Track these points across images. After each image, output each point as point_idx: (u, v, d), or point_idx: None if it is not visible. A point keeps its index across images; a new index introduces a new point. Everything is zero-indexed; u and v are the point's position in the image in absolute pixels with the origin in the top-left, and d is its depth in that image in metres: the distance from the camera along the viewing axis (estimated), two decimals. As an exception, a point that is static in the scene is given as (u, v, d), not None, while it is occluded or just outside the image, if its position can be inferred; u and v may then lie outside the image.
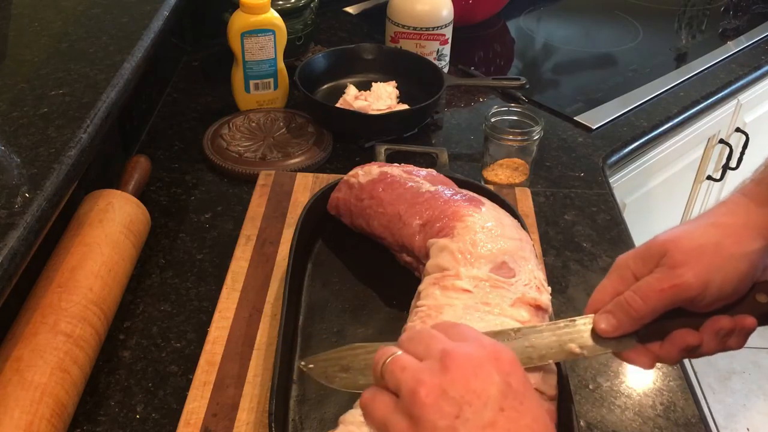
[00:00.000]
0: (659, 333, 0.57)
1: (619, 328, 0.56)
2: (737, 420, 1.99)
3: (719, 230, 0.55)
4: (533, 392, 0.47)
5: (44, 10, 0.98)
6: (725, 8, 1.64)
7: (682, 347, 0.56)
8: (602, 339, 0.57)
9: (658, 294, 0.54)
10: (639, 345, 0.57)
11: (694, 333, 0.56)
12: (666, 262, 0.55)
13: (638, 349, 0.57)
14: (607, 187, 1.04)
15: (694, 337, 0.56)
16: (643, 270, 0.57)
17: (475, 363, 0.46)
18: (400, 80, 1.17)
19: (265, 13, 1.07)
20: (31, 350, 0.65)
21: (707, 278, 0.54)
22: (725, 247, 0.54)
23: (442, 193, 0.77)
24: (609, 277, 0.59)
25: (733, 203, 0.58)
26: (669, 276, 0.54)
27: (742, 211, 0.56)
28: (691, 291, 0.54)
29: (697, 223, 0.57)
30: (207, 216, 0.95)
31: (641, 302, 0.55)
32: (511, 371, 0.46)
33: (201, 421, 0.65)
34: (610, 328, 0.57)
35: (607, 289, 0.58)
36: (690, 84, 1.32)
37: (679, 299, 0.55)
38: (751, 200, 0.57)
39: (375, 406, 0.48)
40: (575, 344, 0.57)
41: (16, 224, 0.63)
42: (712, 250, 0.54)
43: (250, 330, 0.74)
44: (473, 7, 1.43)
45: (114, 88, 0.84)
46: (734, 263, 0.54)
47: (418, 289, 0.70)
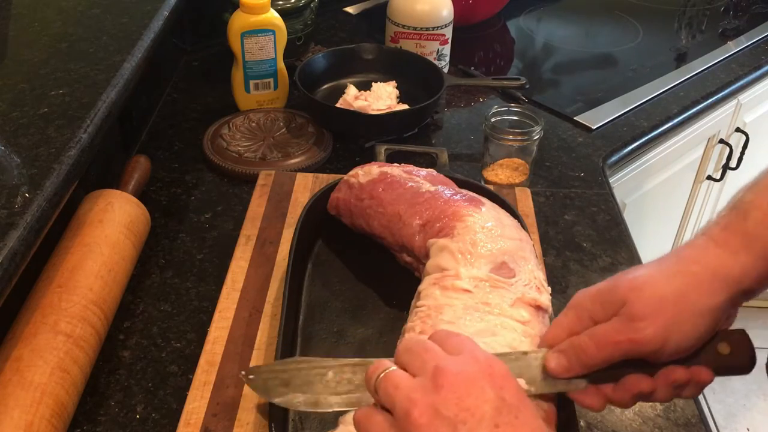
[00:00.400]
0: (612, 377, 0.55)
1: (570, 371, 0.54)
2: (737, 420, 1.99)
3: (684, 280, 0.53)
4: (528, 403, 0.47)
5: (44, 10, 0.98)
6: (725, 8, 1.64)
7: (634, 393, 0.54)
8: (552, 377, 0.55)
9: (614, 345, 0.53)
10: (590, 386, 0.55)
11: (647, 380, 0.54)
12: (625, 312, 0.53)
13: (589, 390, 0.55)
14: (607, 187, 1.04)
15: (648, 384, 0.54)
16: (601, 315, 0.54)
17: (467, 379, 0.45)
18: (400, 80, 1.17)
19: (265, 13, 1.07)
20: (31, 350, 0.65)
21: (667, 334, 0.52)
22: (689, 301, 0.52)
23: (442, 193, 0.77)
24: (566, 314, 0.57)
25: (700, 248, 0.54)
26: (627, 328, 0.52)
27: (710, 259, 0.53)
28: (648, 346, 0.52)
29: (661, 268, 0.55)
30: (207, 216, 0.95)
31: (595, 349, 0.53)
32: (504, 385, 0.46)
33: (201, 421, 0.65)
34: (560, 369, 0.55)
35: (562, 325, 0.57)
36: (690, 84, 1.32)
37: (636, 352, 0.53)
38: (718, 246, 0.54)
39: (369, 425, 0.47)
40: (524, 379, 0.55)
41: (16, 224, 0.63)
42: (674, 305, 0.52)
43: (250, 330, 0.74)
44: (473, 7, 1.43)
45: (114, 88, 0.84)
46: (697, 318, 0.52)
47: (418, 289, 0.70)
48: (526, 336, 0.63)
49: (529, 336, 0.63)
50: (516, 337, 0.63)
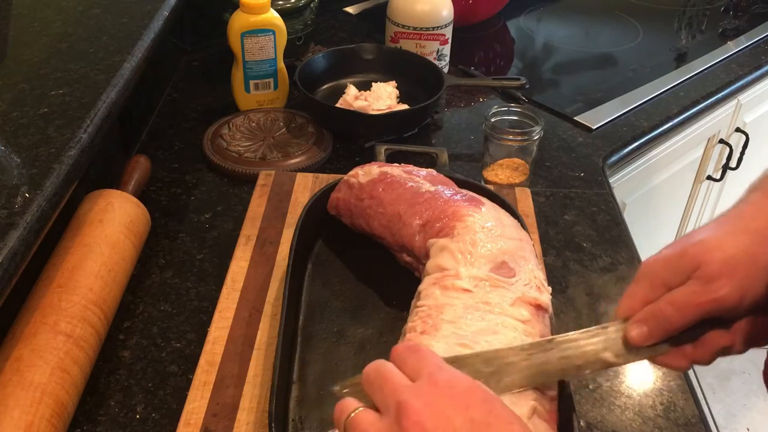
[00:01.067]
0: (690, 337, 0.57)
1: (652, 338, 0.56)
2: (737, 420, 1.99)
3: (751, 238, 0.55)
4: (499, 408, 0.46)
5: (44, 10, 0.98)
6: (725, 8, 1.64)
7: (715, 349, 0.56)
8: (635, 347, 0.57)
9: (695, 307, 0.54)
10: (672, 349, 0.57)
11: (725, 334, 0.56)
12: (701, 275, 0.55)
13: (672, 352, 0.57)
14: (607, 187, 1.04)
15: (726, 339, 0.56)
16: (675, 280, 0.56)
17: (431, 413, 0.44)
18: (400, 80, 1.17)
19: (265, 13, 1.07)
20: (31, 350, 0.65)
21: (743, 290, 0.54)
22: (759, 256, 0.54)
23: (442, 193, 0.77)
24: (638, 283, 0.58)
25: (758, 204, 0.57)
26: (706, 290, 0.54)
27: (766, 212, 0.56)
28: (728, 303, 0.54)
29: (725, 228, 0.57)
30: (207, 216, 0.95)
31: (676, 314, 0.55)
32: (469, 403, 0.45)
33: (201, 421, 0.65)
34: (643, 337, 0.56)
35: (637, 295, 0.58)
36: (690, 84, 1.32)
37: (716, 311, 0.55)
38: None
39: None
40: (610, 353, 0.57)
41: (16, 224, 0.63)
42: (747, 262, 0.54)
43: (250, 330, 0.74)
44: (473, 7, 1.43)
45: (114, 88, 0.84)
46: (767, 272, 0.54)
47: (418, 289, 0.70)
48: (527, 335, 0.63)
49: (529, 335, 0.63)
50: (517, 336, 0.63)
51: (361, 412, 0.47)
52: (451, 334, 0.62)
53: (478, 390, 0.47)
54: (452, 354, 0.60)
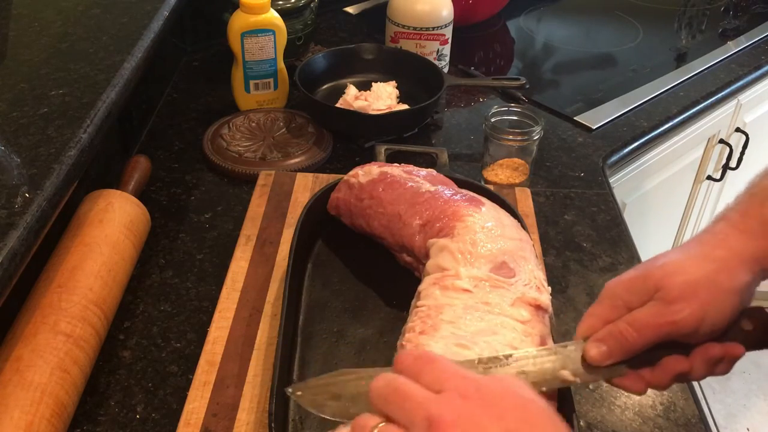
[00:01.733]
0: (649, 360, 0.57)
1: (610, 357, 0.57)
2: (737, 420, 1.99)
3: (713, 265, 0.56)
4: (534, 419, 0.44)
5: (44, 10, 0.98)
6: (725, 8, 1.64)
7: (673, 374, 0.57)
8: (593, 366, 0.57)
9: (654, 329, 0.55)
10: (630, 371, 0.57)
11: (684, 360, 0.57)
12: (661, 297, 0.55)
13: (629, 375, 0.57)
14: (607, 187, 1.04)
15: (684, 364, 0.57)
16: (636, 302, 0.57)
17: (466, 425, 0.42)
18: (400, 80, 1.17)
19: (265, 13, 1.07)
20: (31, 350, 0.65)
21: (702, 315, 0.54)
22: (719, 282, 0.55)
23: (442, 193, 0.77)
24: (600, 304, 0.59)
25: (722, 234, 0.58)
26: (665, 312, 0.55)
27: (733, 244, 0.57)
28: (687, 326, 0.55)
29: (688, 254, 0.58)
30: (207, 216, 0.95)
31: (636, 334, 0.55)
32: (503, 413, 0.43)
33: (201, 421, 0.65)
34: (602, 356, 0.56)
35: (598, 315, 0.58)
36: (690, 84, 1.32)
37: (674, 333, 0.55)
38: (739, 232, 0.57)
39: None
40: (568, 371, 0.57)
41: (16, 224, 0.63)
42: (707, 287, 0.55)
43: (250, 330, 0.74)
44: (473, 7, 1.43)
45: (114, 88, 0.84)
46: (728, 298, 0.55)
47: (418, 289, 0.70)
48: (527, 335, 0.63)
49: (529, 335, 0.63)
50: (516, 336, 0.63)
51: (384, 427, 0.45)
52: (450, 335, 0.62)
53: (510, 396, 0.45)
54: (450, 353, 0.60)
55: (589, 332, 0.58)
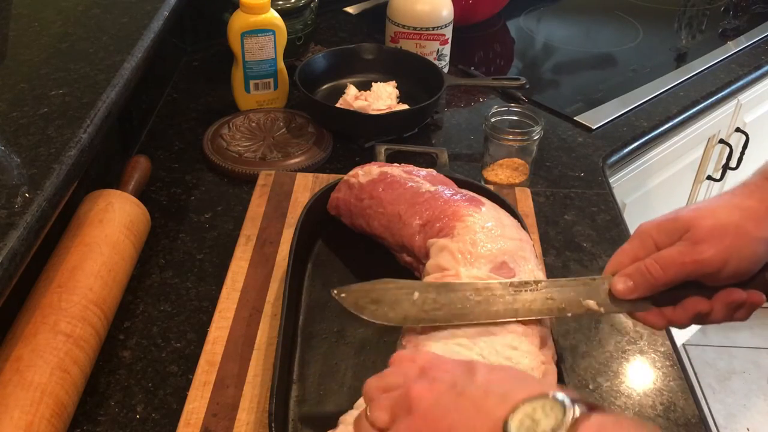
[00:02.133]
0: (673, 299, 0.59)
1: (635, 292, 0.59)
2: (737, 420, 1.99)
3: (742, 213, 0.58)
4: None
5: (44, 10, 0.98)
6: (725, 8, 1.64)
7: (693, 313, 0.59)
8: (619, 299, 0.60)
9: (679, 266, 0.57)
10: (653, 307, 0.60)
11: (706, 301, 0.59)
12: (689, 237, 0.58)
13: (652, 310, 0.60)
14: (607, 187, 1.04)
15: (706, 305, 0.59)
16: (666, 241, 0.59)
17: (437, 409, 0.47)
18: (400, 80, 1.17)
19: (265, 13, 1.07)
20: (31, 350, 0.65)
21: (726, 257, 0.57)
22: (746, 229, 0.57)
23: (442, 193, 0.77)
24: (630, 242, 0.62)
25: (756, 186, 0.60)
26: (691, 251, 0.57)
27: (764, 195, 0.59)
28: (710, 267, 0.57)
29: (720, 202, 0.60)
30: (207, 216, 0.95)
31: (661, 271, 0.58)
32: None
33: (201, 421, 0.65)
34: (627, 290, 0.59)
35: (627, 252, 0.61)
36: (690, 84, 1.32)
37: (698, 273, 0.57)
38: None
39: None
40: (593, 301, 0.61)
41: (16, 224, 0.63)
42: (734, 232, 0.57)
43: (250, 330, 0.74)
44: (473, 7, 1.43)
45: (114, 88, 0.84)
46: (753, 246, 0.57)
47: (418, 289, 0.70)
48: (526, 336, 0.63)
49: (529, 336, 0.63)
50: (516, 336, 0.63)
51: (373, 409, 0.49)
52: (450, 335, 0.62)
53: None
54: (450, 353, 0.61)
55: (617, 267, 0.61)
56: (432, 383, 0.47)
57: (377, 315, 0.60)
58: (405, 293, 0.62)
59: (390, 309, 0.60)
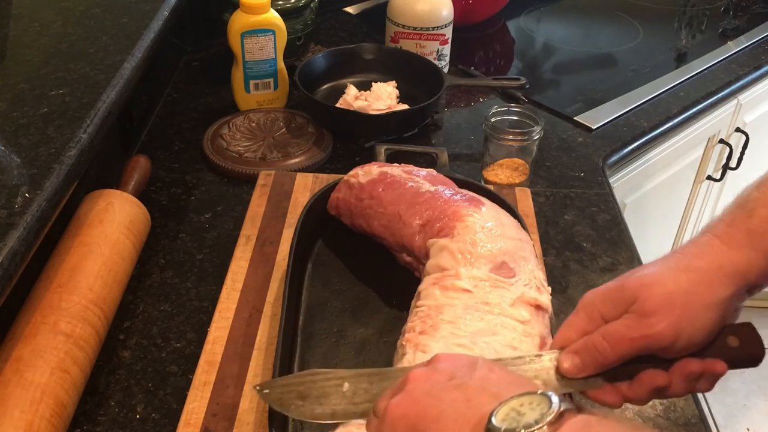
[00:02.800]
0: (626, 374, 0.55)
1: (584, 370, 0.55)
2: (737, 420, 1.99)
3: (691, 276, 0.54)
4: None
5: (44, 10, 0.98)
6: (725, 8, 1.64)
7: (650, 388, 0.55)
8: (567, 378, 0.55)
9: (628, 342, 0.53)
10: (606, 384, 0.56)
11: (662, 374, 0.55)
12: (636, 309, 0.53)
13: (606, 388, 0.56)
14: (607, 187, 1.04)
15: (663, 379, 0.55)
16: (612, 313, 0.55)
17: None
18: (400, 80, 1.17)
19: (265, 13, 1.07)
20: (31, 350, 0.65)
21: (678, 329, 0.52)
22: (697, 295, 0.53)
23: (442, 193, 0.77)
24: (576, 314, 0.57)
25: (705, 245, 0.56)
26: (639, 325, 0.53)
27: (715, 254, 0.54)
28: (662, 341, 0.53)
29: (667, 265, 0.55)
30: (207, 216, 0.95)
31: (609, 348, 0.54)
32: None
33: (201, 421, 0.65)
34: (575, 369, 0.55)
35: (573, 326, 0.57)
36: (690, 84, 1.32)
37: (649, 347, 0.53)
38: (723, 243, 0.55)
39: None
40: (540, 381, 0.56)
41: (16, 224, 0.63)
42: (684, 300, 0.53)
43: (250, 330, 0.74)
44: (473, 7, 1.43)
45: (114, 88, 0.84)
46: (706, 313, 0.53)
47: (418, 289, 0.70)
48: (526, 335, 0.63)
49: (529, 335, 0.63)
50: (516, 336, 0.63)
51: None
52: (450, 335, 0.63)
53: None
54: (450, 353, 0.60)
55: (565, 343, 0.57)
56: (432, 372, 0.47)
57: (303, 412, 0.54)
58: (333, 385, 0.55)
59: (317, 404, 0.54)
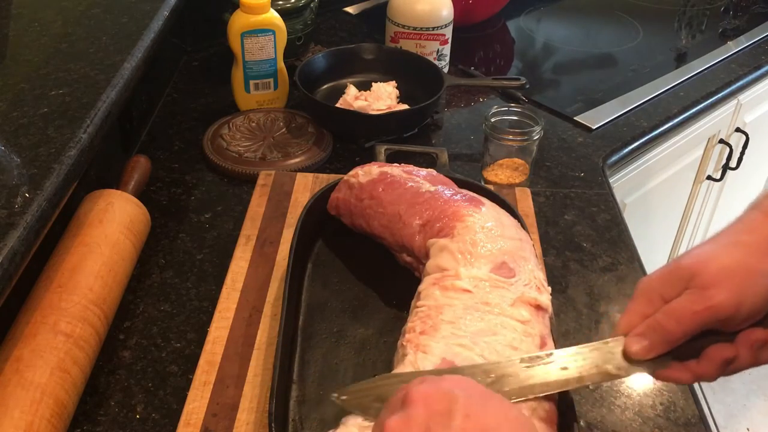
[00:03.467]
0: (694, 351, 0.56)
1: (652, 350, 0.56)
2: (737, 420, 1.99)
3: (742, 249, 0.55)
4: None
5: (44, 10, 0.98)
6: (725, 8, 1.64)
7: (719, 362, 0.56)
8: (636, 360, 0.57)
9: (692, 316, 0.54)
10: (675, 363, 0.57)
11: (729, 346, 0.56)
12: (696, 284, 0.55)
13: (675, 366, 0.57)
14: (607, 187, 1.04)
15: (730, 351, 0.56)
16: (671, 292, 0.56)
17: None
18: (400, 80, 1.17)
19: (265, 13, 1.07)
20: (31, 350, 0.65)
21: (739, 297, 0.54)
22: (752, 265, 0.54)
23: (442, 193, 0.77)
24: (635, 300, 0.59)
25: (750, 220, 0.57)
26: (702, 298, 0.54)
27: (762, 229, 0.56)
28: (725, 312, 0.54)
29: (717, 243, 0.57)
30: (207, 216, 0.95)
31: (674, 324, 0.55)
32: None
33: (201, 421, 0.65)
34: (643, 351, 0.56)
35: (635, 311, 0.58)
36: (690, 84, 1.32)
37: (713, 320, 0.54)
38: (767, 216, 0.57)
39: None
40: (611, 365, 0.57)
41: (16, 224, 0.63)
42: (741, 270, 0.54)
43: (250, 330, 0.74)
44: (473, 7, 1.43)
45: (114, 88, 0.84)
46: (763, 281, 0.54)
47: (418, 289, 0.70)
48: (526, 335, 0.63)
49: (529, 335, 0.63)
50: (516, 336, 0.63)
51: None
52: (450, 335, 0.62)
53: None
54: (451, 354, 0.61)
55: (629, 328, 0.58)
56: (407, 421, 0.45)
57: None
58: None
59: None
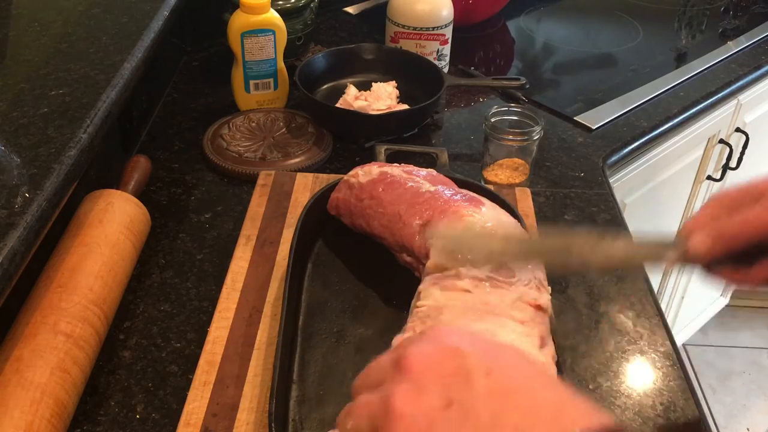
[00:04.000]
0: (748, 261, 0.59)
1: (713, 249, 0.58)
2: (737, 420, 1.99)
3: None
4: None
5: (44, 10, 0.98)
6: (725, 8, 1.64)
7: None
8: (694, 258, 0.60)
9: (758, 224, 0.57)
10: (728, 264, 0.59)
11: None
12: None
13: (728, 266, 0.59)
14: (607, 187, 1.04)
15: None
16: (744, 201, 0.59)
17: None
18: (400, 80, 1.17)
19: (265, 13, 1.07)
20: (31, 350, 0.65)
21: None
22: None
23: (442, 193, 0.77)
24: (707, 205, 0.61)
25: None
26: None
27: None
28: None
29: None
30: (207, 216, 0.95)
31: (740, 227, 0.57)
32: None
33: (201, 421, 0.65)
34: (704, 247, 0.58)
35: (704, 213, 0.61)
36: (690, 84, 1.32)
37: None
38: None
39: None
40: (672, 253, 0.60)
41: (16, 224, 0.63)
42: None
43: (250, 330, 0.74)
44: (473, 7, 1.43)
45: (114, 88, 0.84)
46: None
47: (418, 289, 0.70)
48: (526, 335, 0.63)
49: (529, 336, 0.63)
50: (516, 336, 0.63)
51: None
52: (451, 334, 0.62)
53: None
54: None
55: (696, 227, 0.60)
56: (418, 393, 0.39)
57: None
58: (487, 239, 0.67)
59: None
